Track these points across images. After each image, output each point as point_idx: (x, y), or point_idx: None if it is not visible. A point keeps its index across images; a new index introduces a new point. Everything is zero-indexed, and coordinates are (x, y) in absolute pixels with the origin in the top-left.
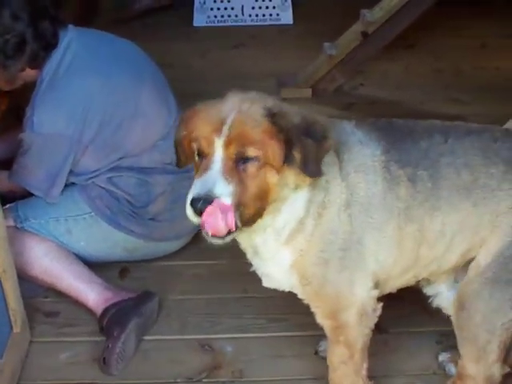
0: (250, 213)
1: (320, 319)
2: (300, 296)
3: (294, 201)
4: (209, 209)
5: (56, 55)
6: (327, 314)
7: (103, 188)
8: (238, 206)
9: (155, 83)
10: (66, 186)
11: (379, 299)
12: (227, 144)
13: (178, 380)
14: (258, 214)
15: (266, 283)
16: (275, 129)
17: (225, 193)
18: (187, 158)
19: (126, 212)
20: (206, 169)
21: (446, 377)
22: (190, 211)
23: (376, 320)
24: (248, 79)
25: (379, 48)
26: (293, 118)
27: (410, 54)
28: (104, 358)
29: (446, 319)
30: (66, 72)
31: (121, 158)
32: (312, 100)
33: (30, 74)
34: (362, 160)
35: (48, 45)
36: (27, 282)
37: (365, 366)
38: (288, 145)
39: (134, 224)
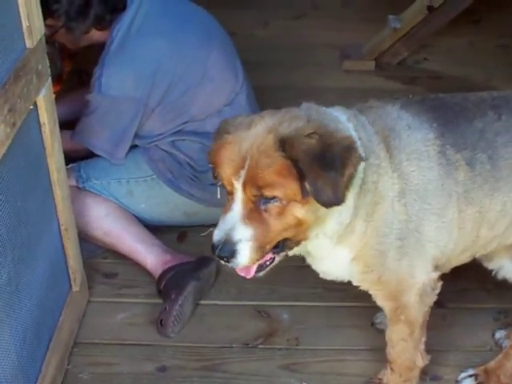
0: (271, 247)
1: (380, 301)
2: (356, 283)
3: (337, 211)
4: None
5: (127, 16)
6: (388, 296)
7: (166, 151)
8: (263, 245)
9: (224, 48)
10: (129, 148)
11: (439, 278)
12: (245, 186)
13: (234, 345)
14: (299, 242)
15: (322, 275)
16: (288, 164)
17: (244, 237)
18: None
19: (187, 176)
20: (228, 209)
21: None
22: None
23: (435, 298)
24: (310, 50)
25: (444, 22)
26: (305, 145)
27: (475, 30)
28: (161, 320)
29: (504, 297)
30: (137, 33)
31: (185, 123)
32: (375, 73)
33: (96, 35)
34: (413, 146)
35: (114, 8)
36: (86, 243)
37: (423, 340)
38: (300, 176)
39: (195, 188)
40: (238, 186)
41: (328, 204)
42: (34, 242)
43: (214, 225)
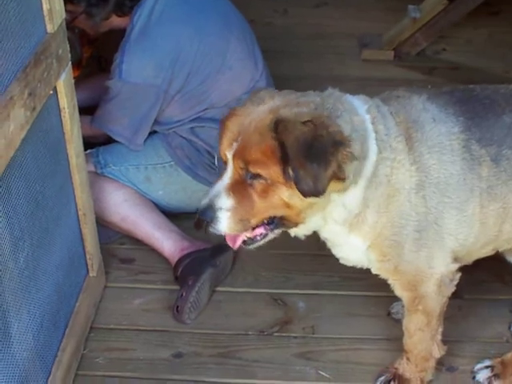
0: (257, 222)
1: (399, 291)
2: (375, 272)
3: (341, 201)
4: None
5: (148, 3)
6: (406, 286)
7: (185, 138)
8: (245, 218)
9: (243, 36)
10: (148, 134)
11: (458, 269)
12: (234, 158)
13: (250, 332)
14: (296, 223)
15: (342, 261)
16: (276, 146)
17: (224, 206)
18: None
19: (205, 163)
20: (220, 178)
21: None
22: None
23: (454, 289)
24: (329, 39)
25: (463, 13)
26: (297, 131)
27: (494, 22)
28: (177, 307)
29: None
30: (158, 21)
31: (205, 110)
32: (394, 63)
33: (116, 21)
34: (436, 139)
35: None
36: (104, 228)
37: (440, 330)
38: (285, 160)
39: (213, 175)
40: (229, 157)
41: (307, 193)
42: (52, 226)
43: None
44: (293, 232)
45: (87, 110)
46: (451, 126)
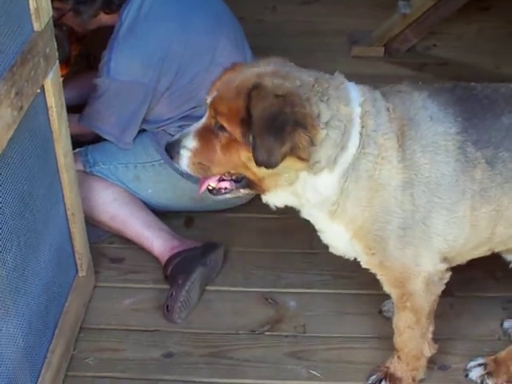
0: (218, 172)
1: (386, 287)
2: (364, 265)
3: (312, 183)
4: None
5: (136, 0)
6: (393, 282)
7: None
8: (205, 164)
9: (233, 34)
10: (137, 132)
11: (449, 268)
12: (210, 106)
13: (240, 332)
14: (261, 189)
15: (331, 250)
16: (244, 109)
17: (186, 146)
18: None
19: None
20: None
21: (510, 343)
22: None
23: (443, 287)
24: (319, 36)
25: (454, 9)
26: (267, 101)
27: (485, 17)
28: (167, 306)
29: None
30: (146, 18)
31: (194, 108)
32: (384, 59)
33: (104, 18)
34: (431, 139)
35: None
36: (93, 227)
37: (430, 329)
38: (248, 125)
39: None
40: (208, 103)
41: (260, 163)
42: (41, 227)
43: (222, 210)
44: (264, 199)
45: (75, 108)
46: (448, 126)
